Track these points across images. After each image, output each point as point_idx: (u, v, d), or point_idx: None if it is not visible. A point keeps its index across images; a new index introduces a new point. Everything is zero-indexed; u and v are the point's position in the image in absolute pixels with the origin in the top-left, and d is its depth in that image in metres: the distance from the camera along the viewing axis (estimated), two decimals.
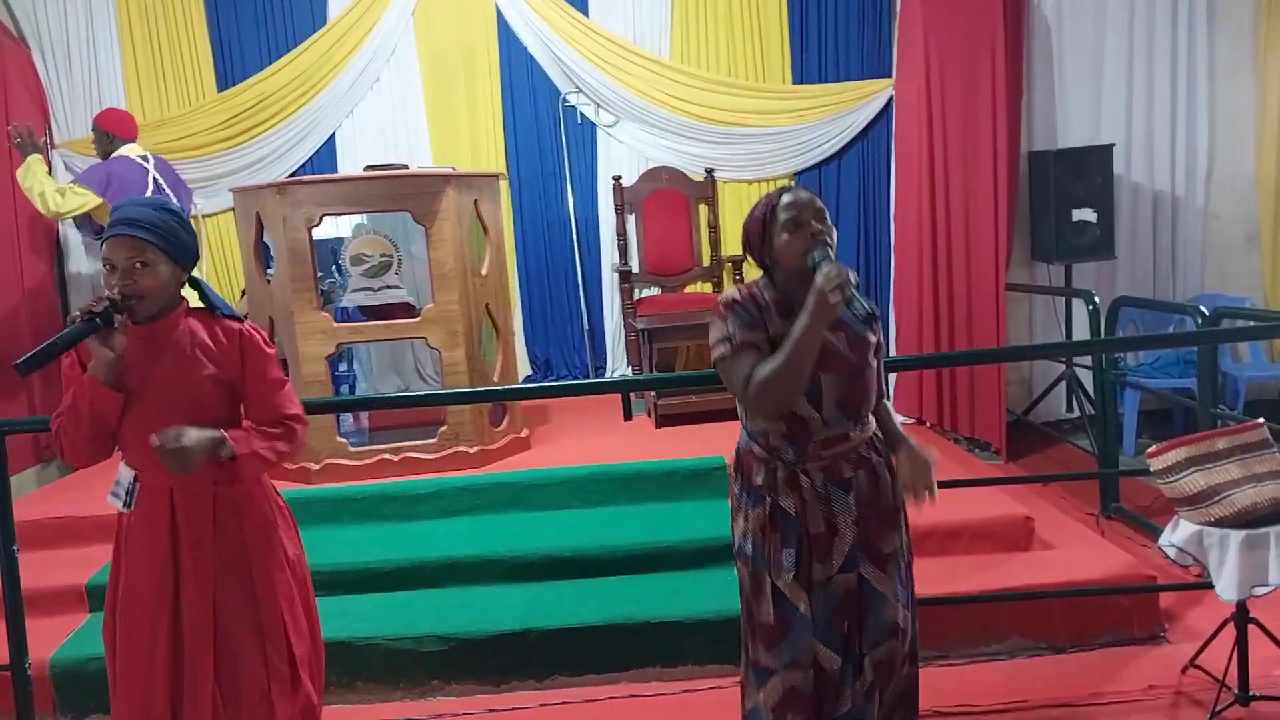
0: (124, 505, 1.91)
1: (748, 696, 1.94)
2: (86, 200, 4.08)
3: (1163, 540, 2.49)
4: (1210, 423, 3.36)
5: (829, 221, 1.86)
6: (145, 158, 4.22)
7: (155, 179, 4.18)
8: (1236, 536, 2.31)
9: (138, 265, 1.80)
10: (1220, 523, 2.34)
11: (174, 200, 4.11)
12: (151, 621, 1.89)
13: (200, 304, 1.97)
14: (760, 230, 1.88)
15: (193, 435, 1.79)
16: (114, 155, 4.19)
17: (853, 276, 1.76)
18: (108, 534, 3.33)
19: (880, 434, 1.98)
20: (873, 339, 1.92)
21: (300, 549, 2.08)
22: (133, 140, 4.27)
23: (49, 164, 4.39)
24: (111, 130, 4.22)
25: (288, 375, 2.06)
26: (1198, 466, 2.42)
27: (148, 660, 1.89)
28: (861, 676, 1.86)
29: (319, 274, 3.78)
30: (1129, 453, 4.45)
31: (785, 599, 1.84)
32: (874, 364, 1.93)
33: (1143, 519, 3.65)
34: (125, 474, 1.93)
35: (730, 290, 1.93)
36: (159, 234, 1.82)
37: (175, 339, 1.89)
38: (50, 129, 4.80)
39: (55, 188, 4.12)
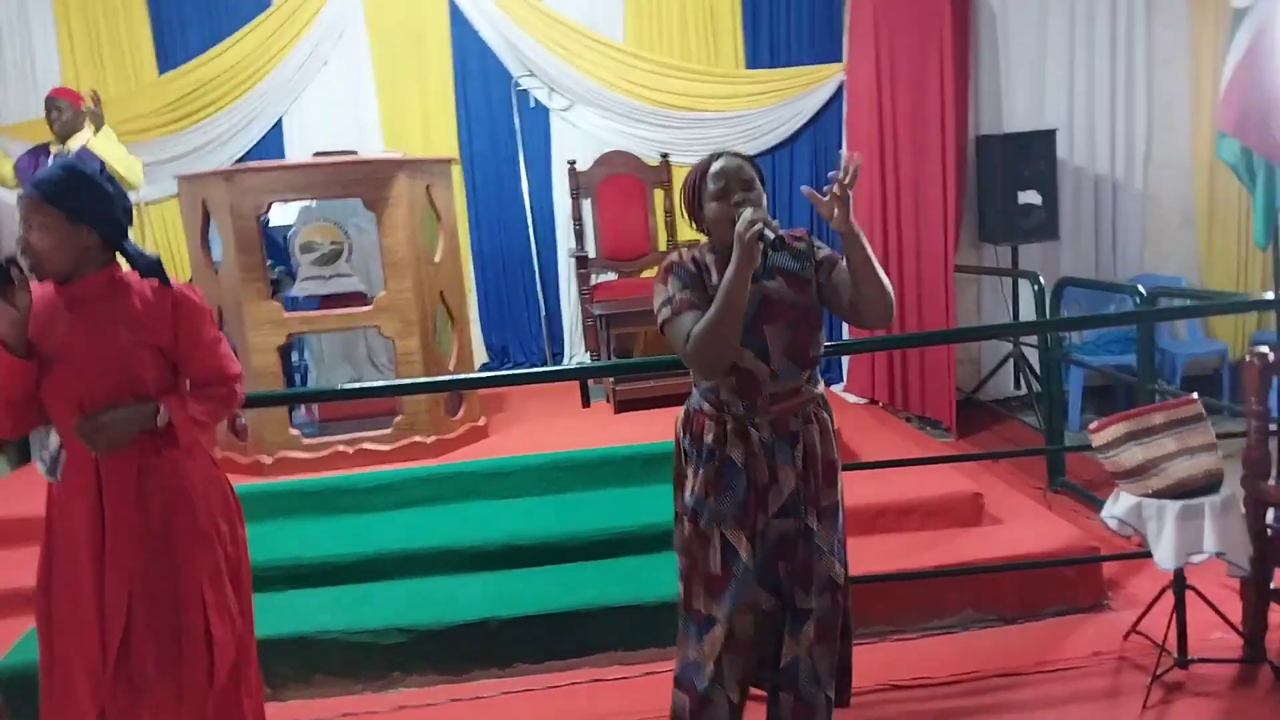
0: (48, 473, 1.88)
1: (681, 652, 1.98)
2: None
3: (1104, 512, 2.58)
4: (1149, 398, 3.48)
5: (759, 186, 1.88)
6: None
7: None
8: (1173, 507, 2.40)
9: (32, 225, 1.80)
10: (1158, 494, 2.44)
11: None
12: (80, 590, 1.87)
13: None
14: (693, 197, 1.93)
15: (112, 414, 1.80)
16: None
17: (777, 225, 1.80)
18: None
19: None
20: (810, 274, 1.93)
21: (235, 526, 2.03)
22: None
23: None
24: (77, 106, 4.12)
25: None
26: (1136, 440, 2.50)
27: (81, 629, 1.88)
28: (804, 631, 1.91)
29: (269, 262, 3.71)
30: (1074, 428, 4.58)
31: (730, 547, 1.90)
32: (818, 304, 1.93)
33: (1087, 492, 3.77)
34: (53, 441, 1.89)
35: (671, 254, 1.96)
36: (54, 195, 1.80)
37: (99, 301, 1.86)
38: None
39: (129, 161, 4.09)
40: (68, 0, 4.61)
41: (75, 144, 4.10)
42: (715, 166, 1.88)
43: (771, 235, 1.74)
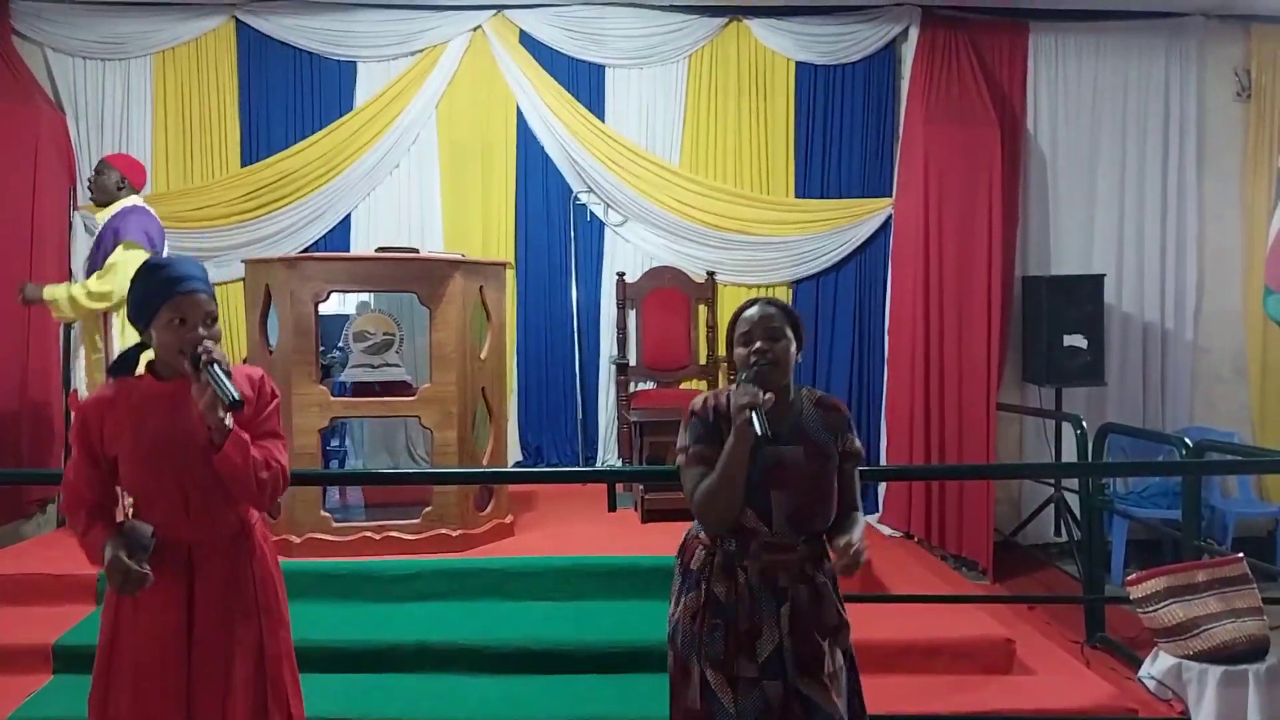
0: (136, 563, 1.89)
1: None
2: (115, 285, 3.77)
3: (1142, 671, 2.47)
4: (1194, 554, 3.37)
5: (787, 335, 1.91)
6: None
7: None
8: (1215, 672, 2.30)
9: (208, 322, 1.89)
10: (1199, 656, 2.33)
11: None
12: (166, 680, 1.88)
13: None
14: (731, 336, 1.98)
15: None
16: (132, 205, 3.96)
17: (811, 393, 1.92)
18: (81, 593, 3.31)
19: (830, 547, 1.95)
20: (837, 449, 1.93)
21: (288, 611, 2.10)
22: (139, 190, 4.07)
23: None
24: (124, 173, 4.00)
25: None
26: (1177, 598, 2.42)
27: (164, 703, 1.87)
28: None
29: (321, 348, 3.85)
30: (1116, 581, 4.41)
31: (710, 690, 1.84)
32: (833, 477, 1.91)
33: (1128, 650, 3.60)
34: (142, 530, 1.88)
35: (696, 398, 2.00)
36: (213, 294, 1.95)
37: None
38: (75, 190, 4.95)
39: (72, 289, 3.87)
40: (167, 94, 4.97)
41: (108, 213, 3.94)
42: (747, 313, 1.93)
43: (759, 431, 1.75)
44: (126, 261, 3.76)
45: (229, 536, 1.94)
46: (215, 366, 1.79)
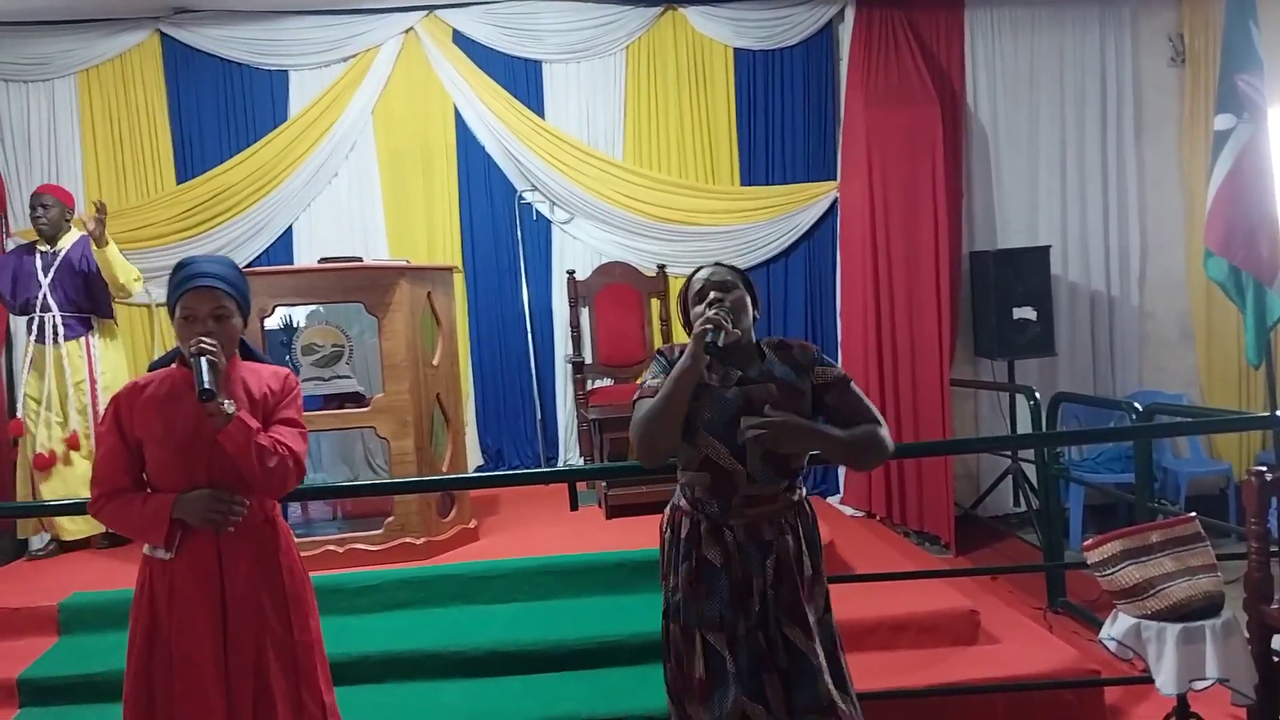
0: (166, 552, 1.93)
1: None
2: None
3: (1103, 633, 2.50)
4: (1148, 516, 3.43)
5: (739, 288, 1.97)
6: None
7: None
8: (1173, 630, 2.34)
9: (221, 316, 1.93)
10: (1156, 615, 2.37)
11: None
12: (205, 670, 1.90)
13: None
14: (685, 304, 2.04)
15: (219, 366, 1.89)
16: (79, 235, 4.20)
17: (771, 340, 1.99)
18: (44, 625, 3.22)
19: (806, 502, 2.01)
20: (808, 384, 1.95)
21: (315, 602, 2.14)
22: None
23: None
24: (67, 203, 4.25)
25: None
26: (1133, 559, 2.46)
27: (207, 707, 1.90)
28: None
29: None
30: (1074, 547, 4.49)
31: (715, 652, 1.86)
32: (808, 415, 1.94)
33: (1088, 613, 3.66)
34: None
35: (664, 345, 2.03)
36: (235, 288, 1.98)
37: (229, 389, 1.95)
38: (6, 217, 4.79)
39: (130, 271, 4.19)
40: (94, 112, 4.85)
41: (66, 243, 4.18)
42: (699, 275, 2.01)
43: (709, 339, 1.79)
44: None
45: (254, 525, 1.98)
46: (202, 358, 1.85)
